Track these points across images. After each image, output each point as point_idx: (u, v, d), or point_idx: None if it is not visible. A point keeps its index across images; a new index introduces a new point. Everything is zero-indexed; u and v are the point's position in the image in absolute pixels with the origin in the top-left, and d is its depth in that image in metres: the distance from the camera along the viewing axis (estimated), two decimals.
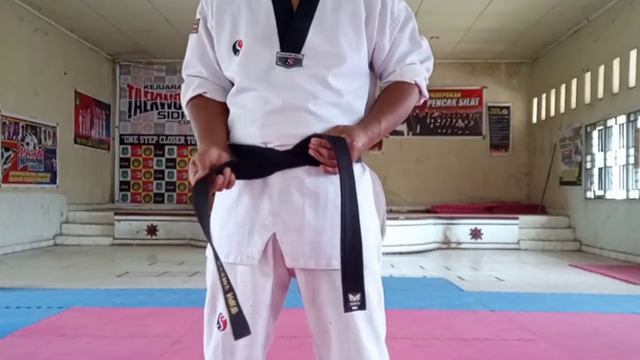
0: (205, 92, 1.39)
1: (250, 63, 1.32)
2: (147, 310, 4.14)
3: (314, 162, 1.27)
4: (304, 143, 1.26)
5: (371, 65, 1.40)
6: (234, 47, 1.34)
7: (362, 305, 1.19)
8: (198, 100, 1.40)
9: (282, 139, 1.28)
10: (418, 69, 1.40)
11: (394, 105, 1.36)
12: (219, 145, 1.28)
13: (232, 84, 1.39)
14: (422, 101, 1.45)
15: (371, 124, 1.30)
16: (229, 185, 1.23)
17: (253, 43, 1.32)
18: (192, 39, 1.43)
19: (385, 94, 1.39)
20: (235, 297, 1.16)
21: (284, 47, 1.30)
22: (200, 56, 1.41)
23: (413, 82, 1.38)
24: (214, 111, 1.38)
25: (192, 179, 1.21)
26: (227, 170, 1.22)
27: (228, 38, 1.35)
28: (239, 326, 1.15)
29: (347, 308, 1.18)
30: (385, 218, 1.43)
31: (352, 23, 1.33)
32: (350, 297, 1.18)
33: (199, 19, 1.42)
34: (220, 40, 1.37)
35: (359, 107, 1.35)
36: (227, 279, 1.17)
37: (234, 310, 1.15)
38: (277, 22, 1.31)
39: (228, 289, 1.16)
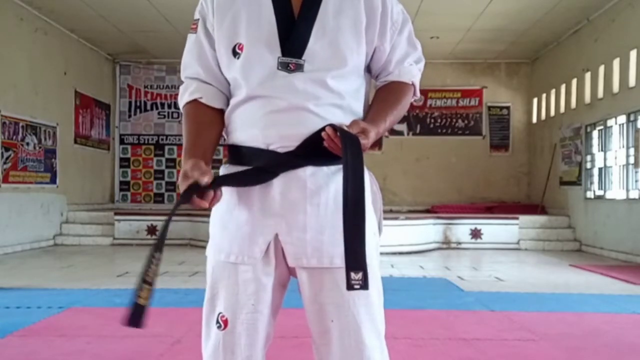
0: (200, 98, 1.37)
1: (252, 67, 1.31)
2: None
3: (315, 162, 1.27)
4: (306, 143, 1.27)
5: (368, 67, 1.41)
6: (233, 49, 1.33)
7: (364, 285, 1.16)
8: (192, 106, 1.38)
9: (284, 140, 1.28)
10: (414, 70, 1.45)
11: (395, 104, 1.39)
12: (205, 161, 1.28)
13: (230, 84, 1.38)
14: (413, 99, 1.49)
15: (378, 122, 1.32)
16: (214, 200, 1.26)
17: (254, 47, 1.31)
18: (190, 39, 1.42)
19: (385, 94, 1.40)
20: (151, 292, 1.16)
21: (285, 52, 1.30)
22: (198, 57, 1.39)
23: (410, 83, 1.44)
24: (205, 119, 1.37)
25: (183, 187, 1.24)
26: (211, 193, 1.24)
27: (228, 40, 1.34)
28: (136, 317, 1.15)
29: (349, 286, 1.16)
30: (382, 217, 1.44)
31: (353, 28, 1.33)
32: (353, 275, 1.16)
33: (198, 19, 1.40)
34: (220, 40, 1.36)
35: (358, 108, 1.37)
36: (156, 272, 1.18)
37: (143, 302, 1.15)
38: (278, 26, 1.31)
39: (151, 282, 1.16)
